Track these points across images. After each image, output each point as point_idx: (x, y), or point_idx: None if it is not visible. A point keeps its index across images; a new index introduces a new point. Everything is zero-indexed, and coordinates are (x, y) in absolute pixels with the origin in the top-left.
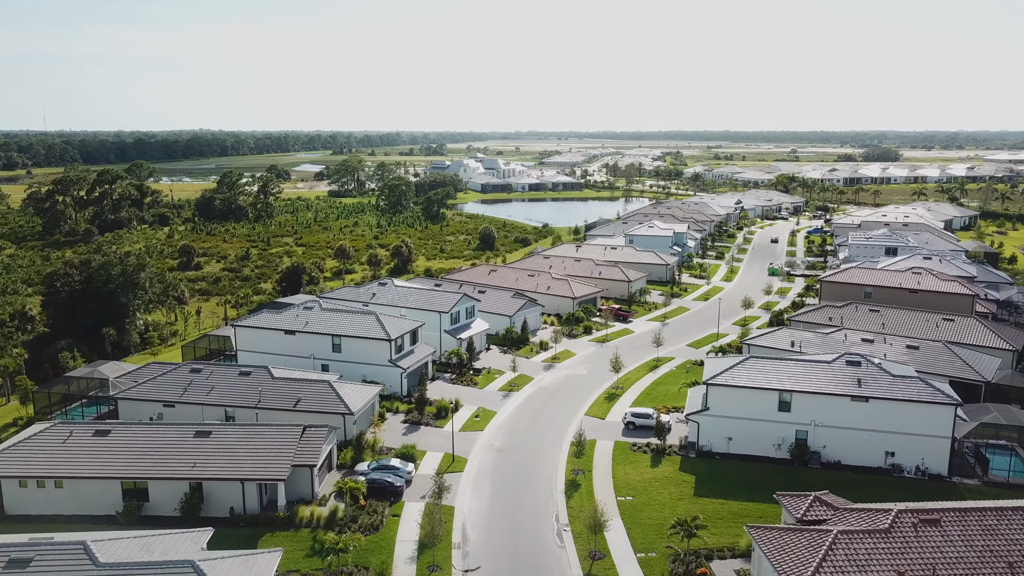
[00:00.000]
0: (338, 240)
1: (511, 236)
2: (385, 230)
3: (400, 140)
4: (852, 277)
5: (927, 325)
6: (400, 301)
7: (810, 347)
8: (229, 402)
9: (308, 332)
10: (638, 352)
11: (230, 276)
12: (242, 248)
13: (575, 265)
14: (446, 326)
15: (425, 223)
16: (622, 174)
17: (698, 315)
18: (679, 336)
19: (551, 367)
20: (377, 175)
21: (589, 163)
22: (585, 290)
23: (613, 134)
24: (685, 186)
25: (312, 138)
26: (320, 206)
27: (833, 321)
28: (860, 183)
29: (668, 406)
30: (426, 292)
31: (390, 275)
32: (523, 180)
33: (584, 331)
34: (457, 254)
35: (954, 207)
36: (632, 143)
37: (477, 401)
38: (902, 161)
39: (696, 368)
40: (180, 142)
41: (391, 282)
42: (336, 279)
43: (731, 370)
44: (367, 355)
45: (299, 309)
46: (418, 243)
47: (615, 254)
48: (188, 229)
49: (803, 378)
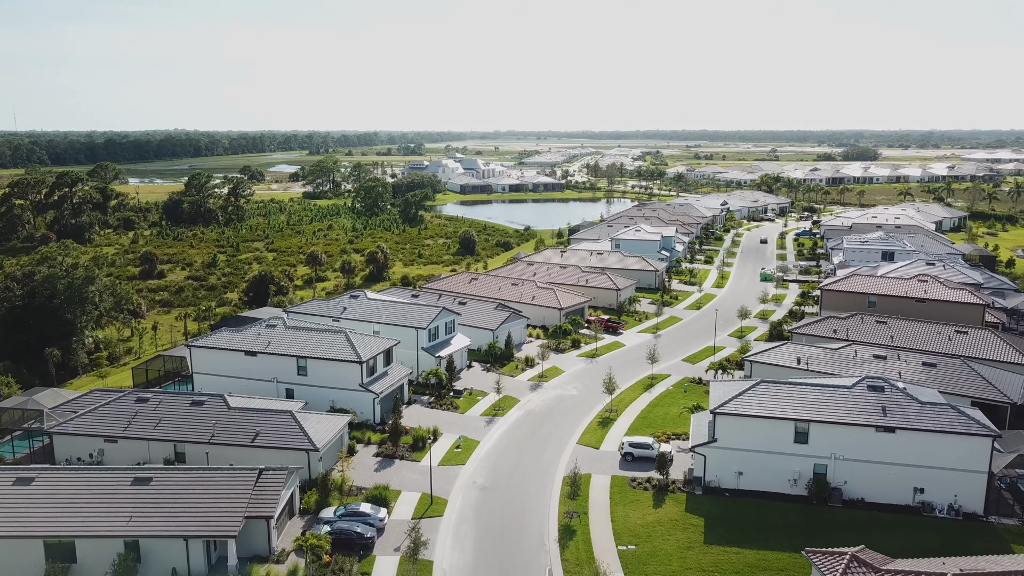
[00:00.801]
0: (311, 245)
1: (492, 240)
2: (360, 234)
3: (378, 140)
4: (854, 285)
5: (939, 338)
6: (373, 316)
7: (818, 364)
8: (179, 436)
9: (271, 353)
10: (631, 368)
11: (194, 285)
12: (209, 254)
13: (560, 272)
14: (424, 343)
15: (402, 226)
16: (603, 174)
17: (691, 325)
18: (673, 350)
19: (538, 387)
20: (353, 176)
21: (569, 163)
22: (572, 300)
23: (591, 134)
24: (668, 187)
25: (288, 138)
26: (294, 208)
27: (838, 334)
28: (843, 183)
29: (668, 432)
30: (402, 306)
31: (365, 283)
32: (503, 181)
33: (572, 345)
34: (436, 259)
35: (943, 208)
36: (611, 143)
37: (458, 428)
38: (882, 160)
39: (695, 386)
40: (153, 142)
41: (364, 294)
42: (307, 288)
43: (740, 397)
44: (336, 379)
45: (261, 327)
46: (395, 248)
47: (601, 260)
48: (154, 234)
49: (821, 406)
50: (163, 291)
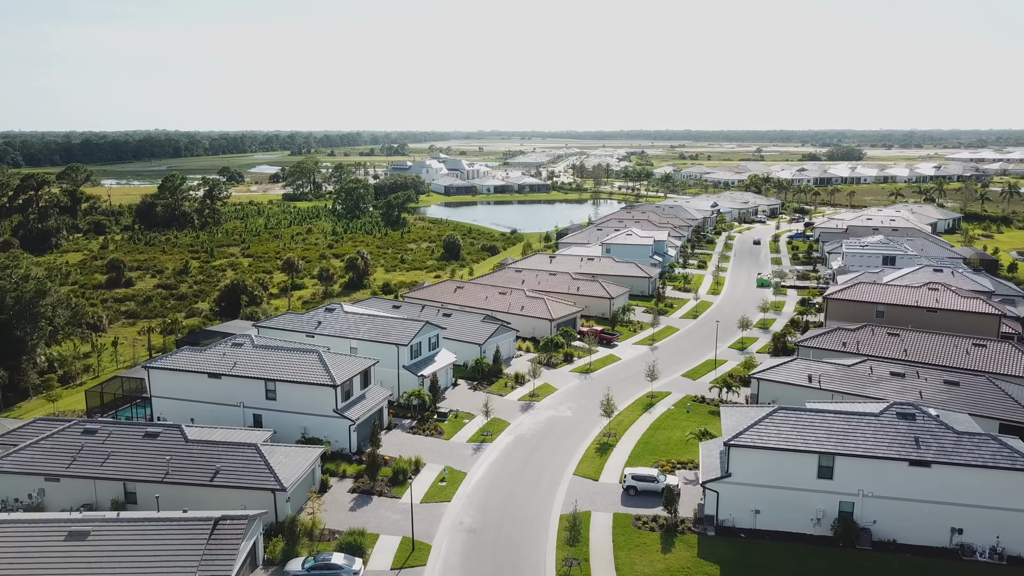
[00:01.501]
0: (289, 249)
1: (477, 243)
2: (341, 238)
3: (361, 140)
4: (862, 294)
5: (956, 352)
6: (350, 331)
7: (831, 382)
8: (129, 474)
9: (236, 376)
10: (628, 385)
11: (164, 294)
12: (182, 260)
13: (550, 279)
14: (405, 361)
15: (384, 229)
16: (589, 175)
17: (689, 336)
18: (672, 364)
19: (529, 407)
20: (334, 177)
21: (554, 163)
22: (563, 310)
23: (576, 134)
24: (655, 188)
25: (270, 138)
26: (272, 211)
27: (848, 347)
28: (831, 183)
29: (672, 461)
30: (381, 320)
31: (344, 290)
32: (488, 182)
33: (564, 359)
34: (419, 264)
35: (936, 209)
36: (595, 143)
37: (443, 457)
38: (867, 160)
39: (697, 405)
40: (131, 143)
41: (340, 307)
42: (284, 296)
43: (757, 427)
44: (308, 404)
45: (227, 346)
46: (376, 252)
47: (592, 265)
48: (125, 239)
49: (847, 437)
50: (130, 301)
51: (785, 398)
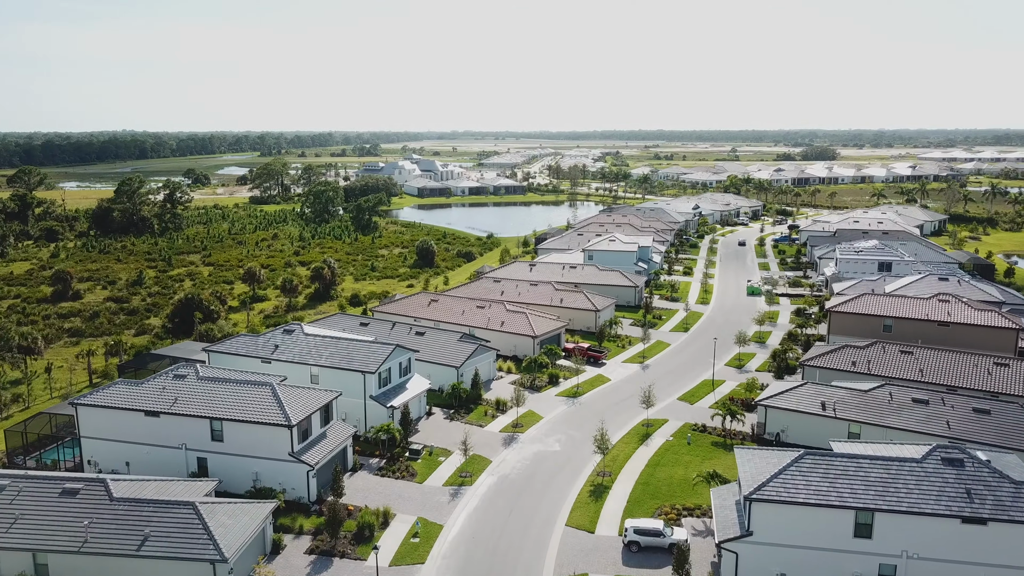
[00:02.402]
0: (253, 256)
1: (453, 249)
2: (308, 243)
3: (332, 141)
4: (868, 307)
5: (977, 372)
6: (311, 357)
7: (848, 410)
8: (41, 542)
9: (177, 414)
10: (621, 412)
11: (113, 309)
12: (137, 270)
13: (531, 291)
14: (372, 391)
15: (355, 234)
16: (565, 176)
17: (681, 352)
18: (666, 385)
19: (513, 440)
20: (303, 179)
21: (529, 164)
22: (547, 326)
23: (549, 134)
24: (633, 189)
25: (239, 139)
26: (238, 215)
27: (858, 366)
28: (809, 183)
29: (678, 507)
30: (346, 344)
31: (310, 302)
32: (462, 183)
33: (549, 381)
34: (391, 272)
35: (922, 211)
36: (569, 143)
37: (415, 506)
38: (841, 160)
39: (698, 435)
40: (95, 144)
41: (300, 328)
42: (244, 309)
43: (782, 477)
44: (259, 446)
45: (168, 379)
46: (345, 259)
47: (575, 274)
48: (79, 246)
49: (887, 488)
50: (75, 316)
51: (795, 427)
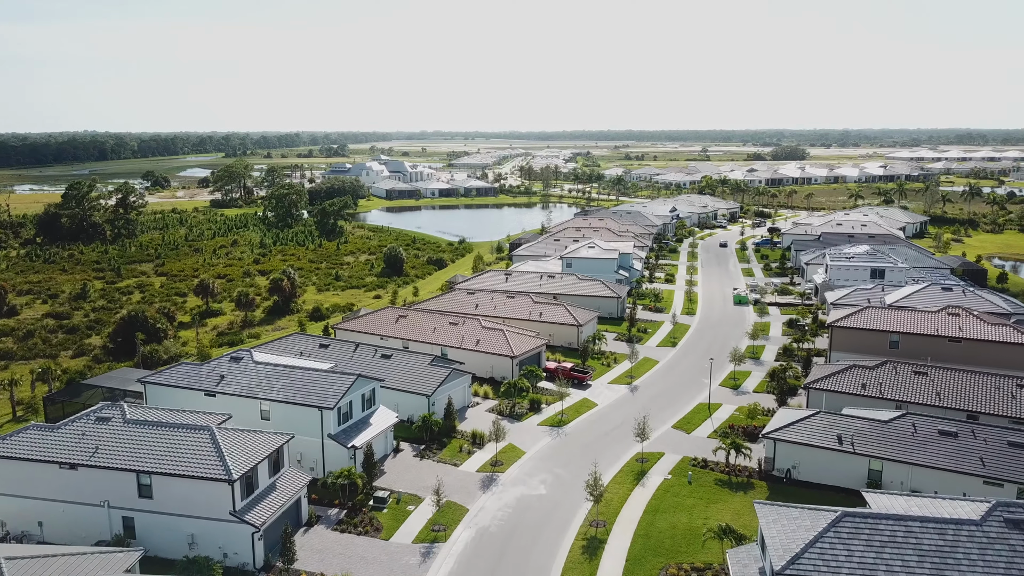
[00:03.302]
0: (210, 265)
1: (423, 255)
2: (269, 250)
3: (300, 141)
4: (872, 321)
5: (1000, 396)
6: (261, 389)
7: (867, 445)
8: None
9: (99, 467)
10: (611, 444)
11: (52, 326)
12: (83, 282)
13: (508, 304)
14: (331, 429)
15: (319, 239)
16: (537, 177)
17: (671, 370)
18: (658, 410)
19: (492, 482)
20: (267, 181)
21: (500, 165)
22: (526, 344)
23: (519, 134)
24: (606, 190)
25: (203, 140)
26: (196, 220)
27: (868, 389)
28: (782, 183)
29: (686, 566)
30: (301, 374)
31: (268, 316)
32: (432, 185)
33: (531, 407)
34: (357, 282)
35: (903, 212)
36: (539, 143)
37: (381, 570)
38: (811, 159)
39: (700, 472)
40: (52, 145)
41: (249, 355)
42: (195, 326)
43: (819, 546)
44: (196, 504)
45: (90, 421)
46: (308, 267)
47: (554, 284)
48: (22, 255)
49: (944, 560)
50: (7, 336)
51: (808, 463)
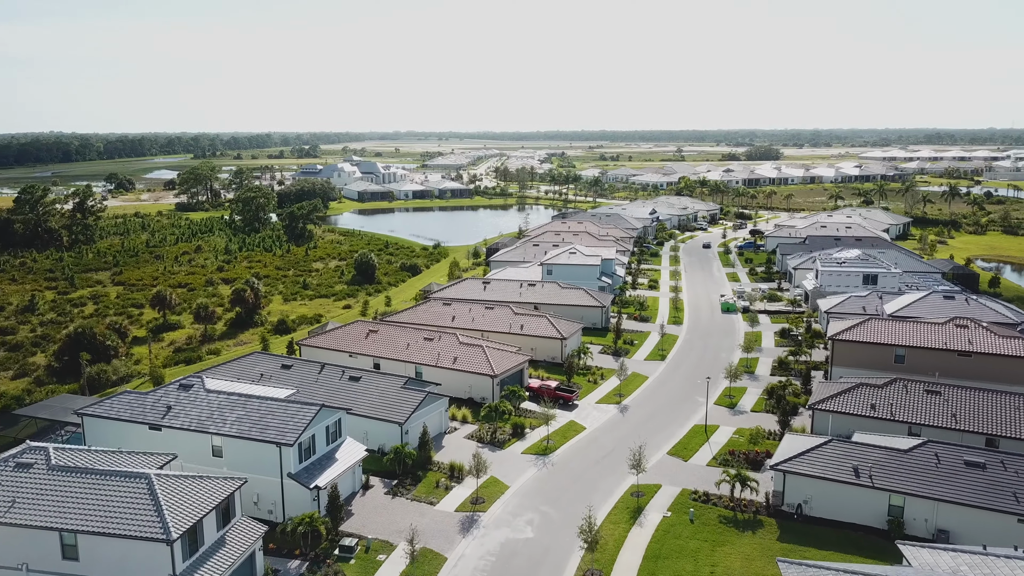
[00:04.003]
0: (171, 273)
1: (396, 261)
2: (235, 257)
3: (271, 142)
4: (876, 334)
5: (1020, 417)
6: (212, 422)
7: (886, 478)
8: None
9: (15, 524)
10: (603, 474)
11: None
12: (32, 292)
13: (486, 315)
14: (291, 467)
15: (287, 245)
16: (513, 178)
17: (662, 387)
18: (651, 432)
19: (473, 523)
20: (235, 183)
21: (475, 165)
22: (508, 361)
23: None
24: (583, 191)
25: (172, 141)
26: (160, 224)
27: (878, 411)
28: (759, 184)
29: None
30: (258, 404)
31: (230, 329)
32: (406, 186)
33: (514, 433)
34: (326, 290)
35: (886, 214)
36: (514, 143)
37: None
38: (785, 159)
39: (702, 508)
40: (14, 147)
41: (201, 382)
42: (151, 341)
43: None
44: (128, 567)
45: (8, 468)
46: (275, 275)
47: (534, 293)
48: None
49: None
50: None
51: (821, 498)
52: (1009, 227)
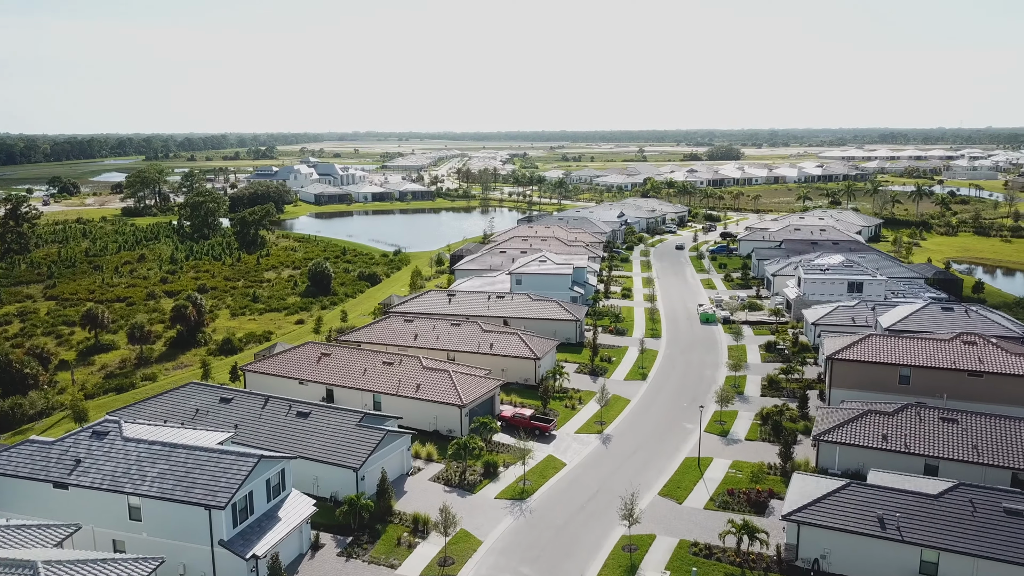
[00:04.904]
0: (110, 285)
1: (353, 269)
2: (181, 266)
3: (227, 143)
4: (878, 352)
5: None
6: (129, 479)
7: (915, 530)
8: None
9: None
10: (589, 522)
11: None
12: None
13: (453, 333)
14: (224, 533)
15: (238, 252)
16: (475, 180)
17: (646, 412)
18: (638, 468)
19: None
20: (185, 186)
21: (436, 166)
22: (477, 388)
23: (454, 135)
24: (548, 193)
25: (123, 142)
26: (102, 231)
27: (891, 442)
28: (724, 184)
29: None
30: (184, 457)
31: (170, 350)
32: (365, 188)
33: (485, 473)
34: (277, 303)
35: (857, 215)
36: (475, 144)
37: None
38: (746, 159)
39: (705, 565)
40: None
41: (118, 429)
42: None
43: None
44: None
45: None
46: (223, 286)
47: (504, 306)
48: None
49: None
50: None
51: (841, 551)
52: (980, 228)
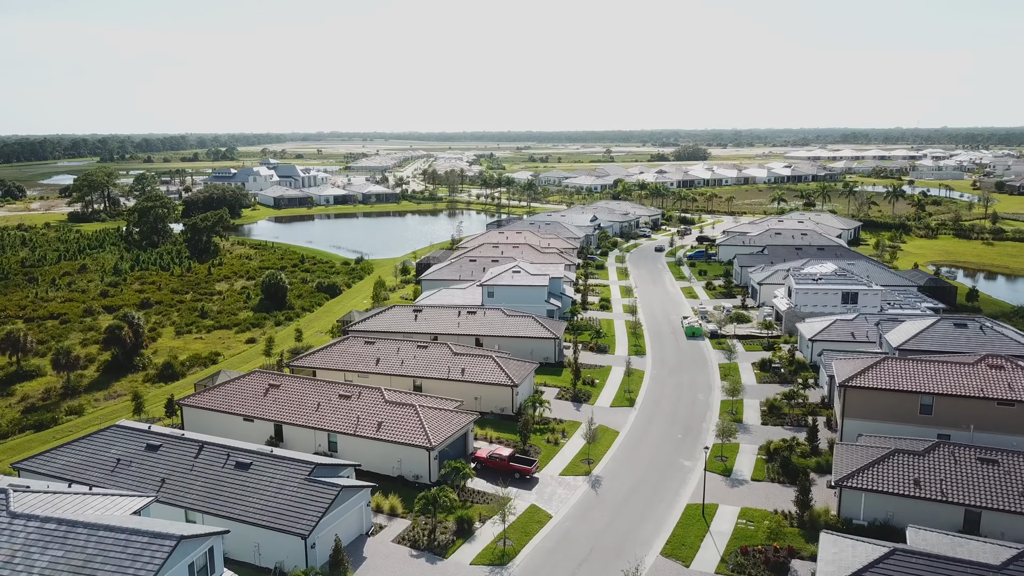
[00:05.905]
0: (45, 300)
1: (312, 279)
2: (125, 278)
3: (186, 144)
4: (896, 379)
5: None
6: (12, 572)
7: None
8: None
9: None
10: None
11: None
12: None
13: (420, 357)
14: None
15: (189, 261)
16: (442, 181)
17: (638, 447)
18: (635, 520)
19: None
20: (136, 190)
21: (401, 167)
22: (449, 426)
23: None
24: (517, 195)
25: (78, 143)
26: (44, 239)
27: (925, 489)
28: (694, 185)
29: None
30: (85, 539)
31: (104, 376)
32: (327, 191)
33: (458, 530)
34: (227, 319)
35: (835, 217)
36: (441, 144)
37: None
38: (713, 159)
39: None
40: None
41: (6, 500)
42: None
43: None
44: None
45: None
46: (169, 300)
47: (476, 322)
48: None
49: None
50: None
51: None
52: (961, 230)
